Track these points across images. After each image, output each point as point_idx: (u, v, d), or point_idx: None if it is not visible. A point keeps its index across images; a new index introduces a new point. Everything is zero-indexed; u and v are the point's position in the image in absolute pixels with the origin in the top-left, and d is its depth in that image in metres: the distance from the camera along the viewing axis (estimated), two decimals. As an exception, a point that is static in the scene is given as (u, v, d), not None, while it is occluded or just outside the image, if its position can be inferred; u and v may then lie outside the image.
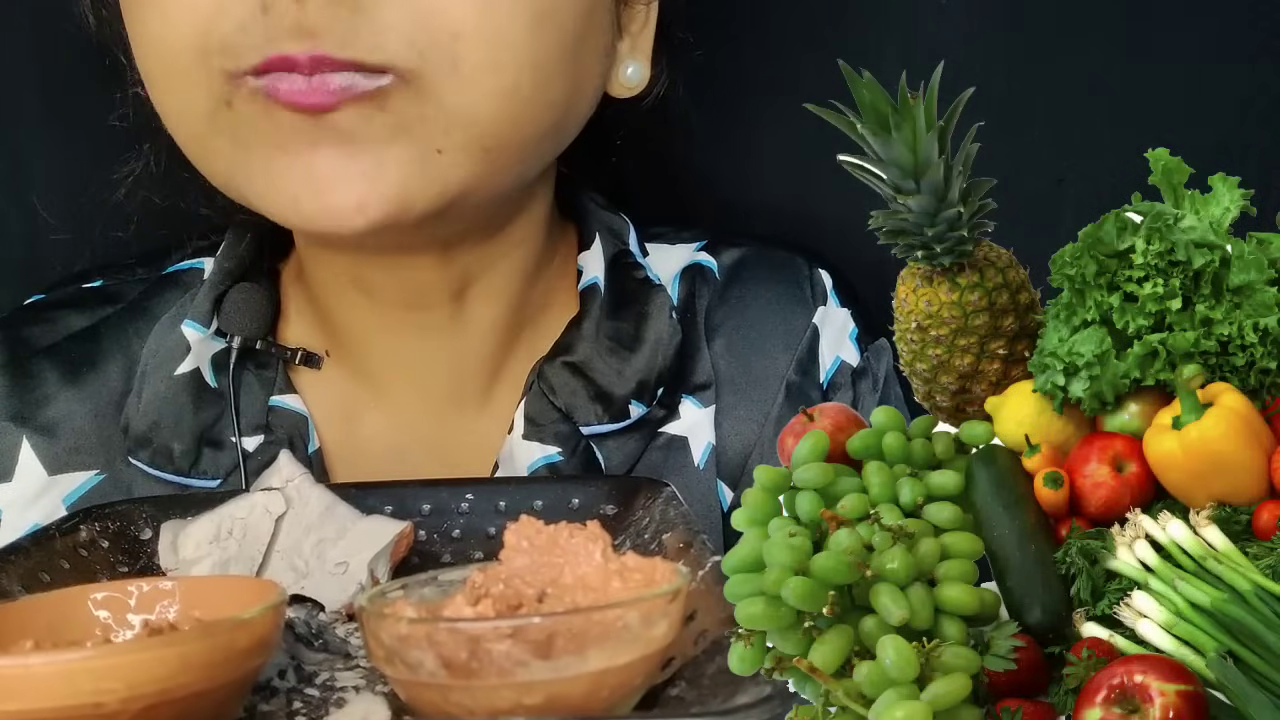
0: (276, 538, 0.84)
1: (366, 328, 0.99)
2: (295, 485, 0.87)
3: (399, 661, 0.64)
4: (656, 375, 0.98)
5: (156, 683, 0.61)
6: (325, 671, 0.73)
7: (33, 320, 1.02)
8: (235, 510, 0.85)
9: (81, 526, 0.85)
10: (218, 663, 0.63)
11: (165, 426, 0.96)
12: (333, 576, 0.82)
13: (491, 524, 0.88)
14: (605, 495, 0.87)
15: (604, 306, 0.99)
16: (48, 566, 0.81)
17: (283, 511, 0.85)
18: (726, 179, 1.14)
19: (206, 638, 0.63)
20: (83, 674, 0.60)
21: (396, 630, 0.64)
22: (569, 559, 0.71)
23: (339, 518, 0.85)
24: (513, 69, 0.85)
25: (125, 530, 0.86)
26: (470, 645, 0.63)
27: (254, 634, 0.65)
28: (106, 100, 1.03)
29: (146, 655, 0.62)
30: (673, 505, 0.83)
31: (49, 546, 0.82)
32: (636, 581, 0.68)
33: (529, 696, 0.62)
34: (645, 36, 0.97)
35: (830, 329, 1.03)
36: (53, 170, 1.11)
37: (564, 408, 0.96)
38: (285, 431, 0.97)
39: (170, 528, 0.85)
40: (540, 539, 0.72)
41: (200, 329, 0.98)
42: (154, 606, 0.73)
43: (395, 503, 0.88)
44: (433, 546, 0.87)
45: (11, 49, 1.10)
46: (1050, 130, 1.10)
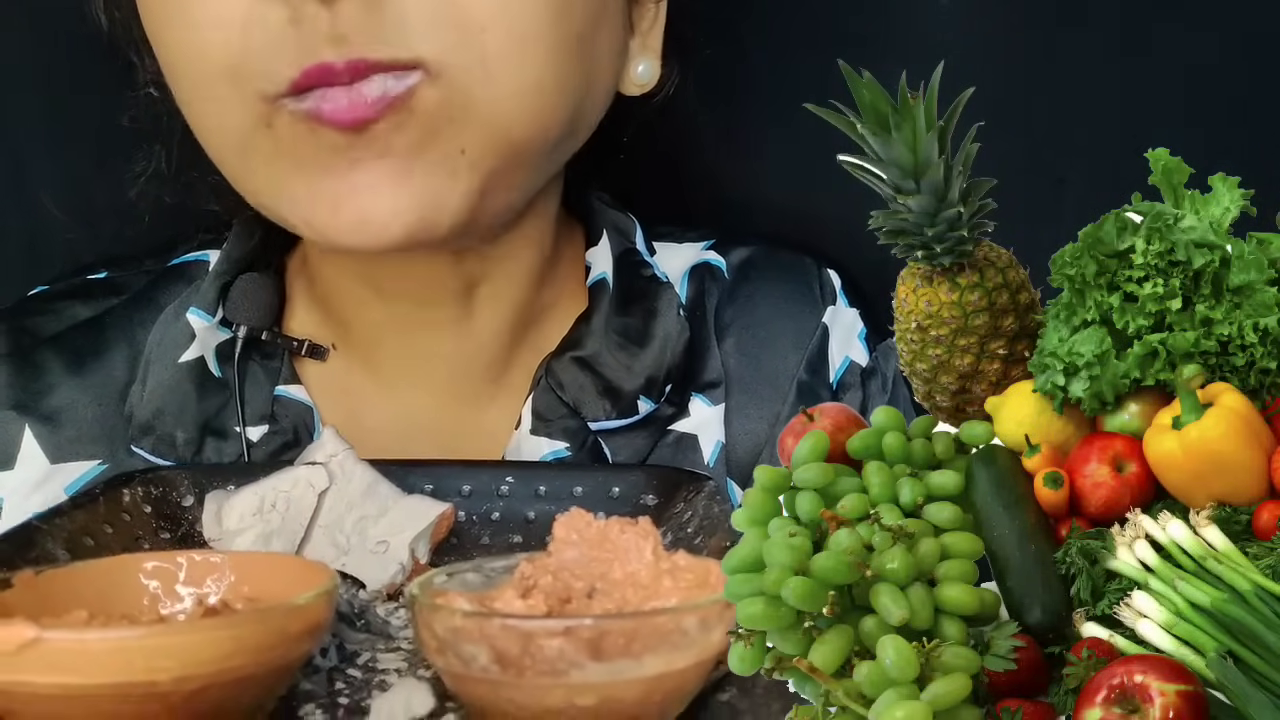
0: (319, 513, 0.85)
1: (374, 322, 1.00)
2: (339, 460, 0.87)
3: (451, 654, 0.64)
4: (665, 371, 0.98)
5: (210, 664, 0.62)
6: (367, 651, 0.73)
7: (37, 310, 1.02)
8: (279, 483, 0.86)
9: (124, 490, 0.86)
10: (270, 646, 0.64)
11: (169, 414, 0.96)
12: (373, 555, 0.82)
13: (531, 508, 0.88)
14: (645, 485, 0.87)
15: (612, 302, 0.99)
16: (92, 530, 0.81)
17: (326, 486, 0.86)
18: (731, 178, 1.15)
19: (261, 621, 0.64)
20: (138, 651, 0.61)
21: (450, 623, 0.64)
22: (619, 555, 0.70)
23: (381, 496, 0.86)
24: (536, 63, 0.86)
25: (168, 496, 0.87)
26: (523, 642, 0.62)
27: (307, 619, 0.66)
28: (114, 99, 1.03)
29: (201, 636, 0.62)
30: (716, 501, 0.82)
31: (93, 510, 0.83)
32: (688, 581, 0.68)
33: (582, 697, 0.62)
34: (655, 34, 0.98)
35: (839, 329, 1.04)
36: (61, 168, 1.11)
37: (572, 403, 0.96)
38: (290, 422, 0.97)
39: (215, 498, 0.86)
40: (590, 532, 0.71)
41: (206, 317, 0.98)
42: (203, 580, 0.73)
43: (435, 482, 0.88)
44: (472, 528, 0.88)
45: (12, 49, 1.10)
46: (1050, 130, 1.10)
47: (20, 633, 0.60)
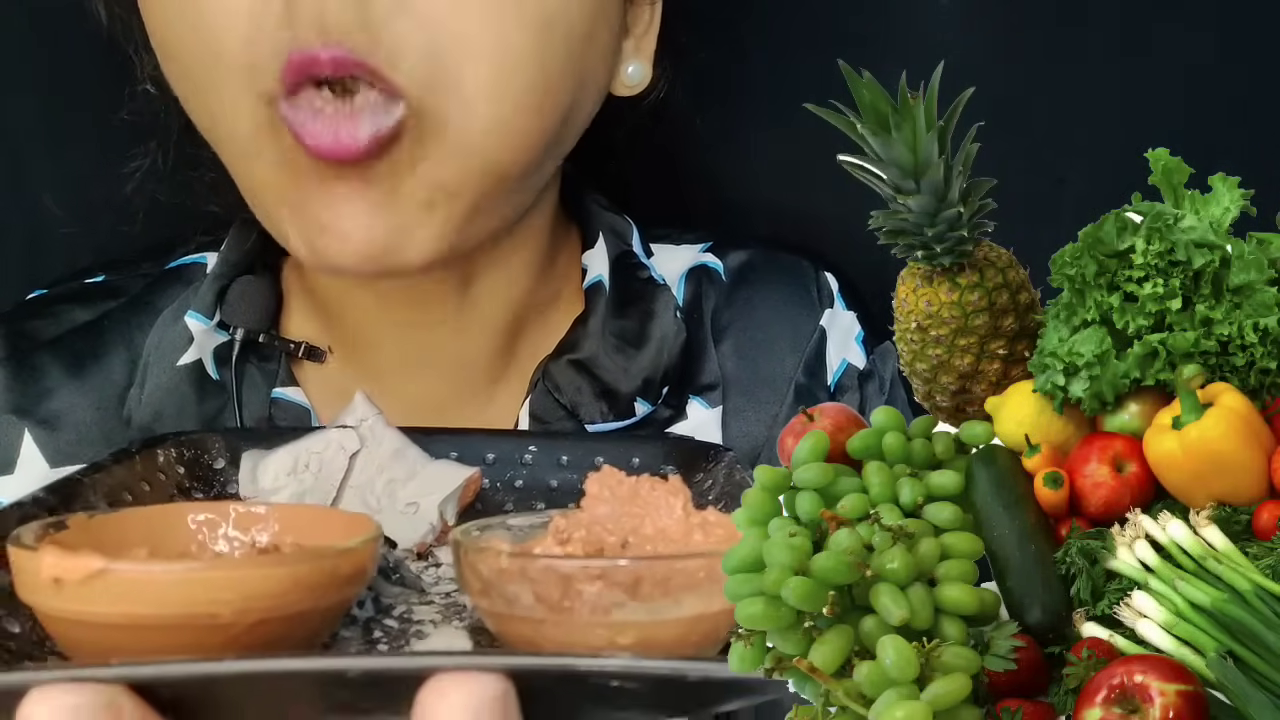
0: (350, 474, 0.86)
1: (370, 324, 1.00)
2: (369, 424, 0.89)
3: (495, 594, 0.65)
4: (662, 374, 0.98)
5: (268, 598, 0.63)
6: (402, 605, 0.75)
7: (35, 314, 1.02)
8: (312, 445, 0.88)
9: (159, 450, 0.87)
10: (323, 585, 0.65)
11: (168, 417, 0.96)
12: (403, 516, 0.84)
13: (554, 476, 0.90)
14: (665, 455, 0.89)
15: (609, 305, 0.99)
16: (130, 487, 0.83)
17: (357, 449, 0.88)
18: (729, 179, 1.15)
19: (315, 560, 0.66)
20: (200, 583, 0.62)
21: (496, 564, 0.65)
22: (650, 511, 0.72)
23: (409, 459, 0.88)
24: (516, 93, 0.85)
25: (200, 459, 0.89)
26: (564, 584, 0.64)
27: (355, 562, 0.67)
28: (113, 99, 1.03)
29: (260, 571, 0.64)
30: (736, 470, 0.84)
31: (130, 467, 0.84)
32: (719, 536, 0.69)
33: (622, 636, 0.63)
34: (649, 38, 0.98)
35: (837, 331, 1.04)
36: (59, 166, 1.11)
37: (569, 405, 0.97)
38: (288, 424, 0.97)
39: (251, 456, 0.88)
40: (622, 489, 0.73)
41: (203, 320, 0.98)
42: (249, 528, 0.75)
43: (460, 449, 0.91)
44: (496, 495, 0.90)
45: (12, 49, 1.10)
46: (1050, 130, 1.10)
47: (87, 563, 0.62)
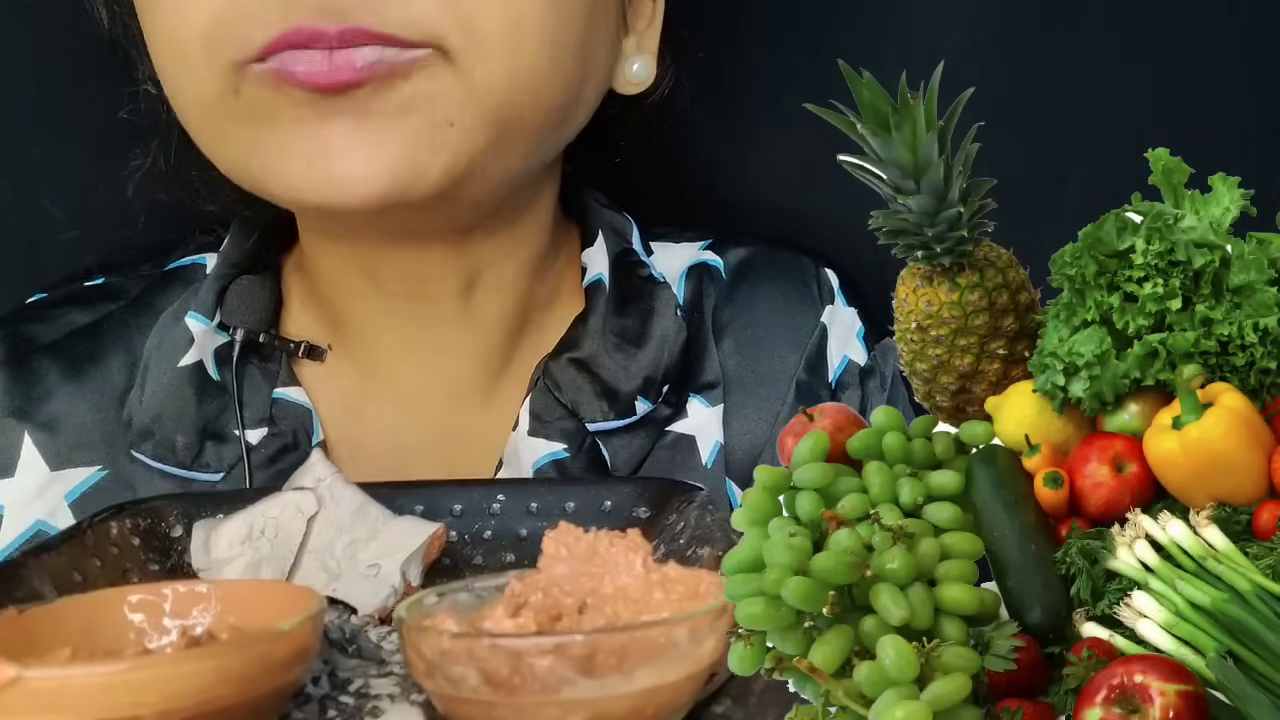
0: (309, 538, 0.84)
1: (372, 320, 1.00)
2: (327, 484, 0.87)
3: (440, 676, 0.63)
4: (662, 372, 0.98)
5: (193, 695, 0.61)
6: (359, 678, 0.72)
7: (34, 318, 1.02)
8: (268, 509, 0.85)
9: (112, 523, 0.85)
10: (255, 675, 0.63)
11: (168, 419, 0.96)
12: (365, 578, 0.82)
13: (523, 525, 0.87)
14: (638, 497, 0.87)
15: (609, 303, 0.99)
16: (79, 565, 0.81)
17: (315, 511, 0.85)
18: (728, 179, 1.15)
19: (244, 649, 0.63)
20: (121, 686, 0.60)
21: (439, 645, 0.63)
22: (609, 568, 0.70)
23: (371, 518, 0.85)
24: (532, 45, 0.86)
25: (156, 528, 0.86)
26: (513, 661, 0.62)
27: (293, 645, 0.65)
28: (113, 97, 1.03)
29: (184, 668, 0.62)
30: (709, 511, 0.82)
31: (81, 543, 0.82)
32: (679, 593, 0.67)
33: (573, 714, 0.62)
34: (651, 34, 0.98)
35: (838, 328, 1.04)
36: (58, 168, 1.11)
37: (569, 404, 0.96)
38: (289, 424, 0.97)
39: (203, 527, 0.85)
40: (579, 547, 0.71)
41: (204, 321, 0.98)
42: (190, 611, 0.73)
43: (426, 503, 0.88)
44: (464, 548, 0.87)
45: (12, 49, 1.10)
46: (1050, 130, 1.10)
47: (0, 672, 0.60)
